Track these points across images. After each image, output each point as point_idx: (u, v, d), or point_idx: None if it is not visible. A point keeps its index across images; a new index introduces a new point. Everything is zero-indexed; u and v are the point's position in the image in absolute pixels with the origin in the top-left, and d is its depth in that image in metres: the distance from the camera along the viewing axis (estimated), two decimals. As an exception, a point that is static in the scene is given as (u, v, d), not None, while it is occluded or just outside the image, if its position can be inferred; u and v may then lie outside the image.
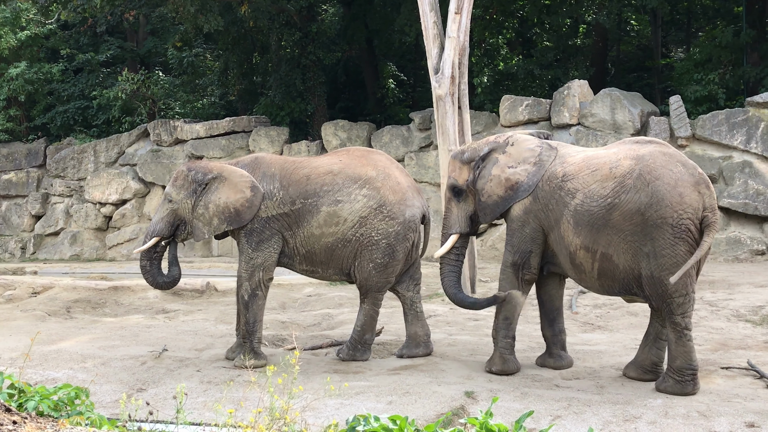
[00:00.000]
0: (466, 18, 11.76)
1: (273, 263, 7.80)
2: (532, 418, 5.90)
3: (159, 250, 8.07)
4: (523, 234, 7.07)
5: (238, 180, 7.76)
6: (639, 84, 21.37)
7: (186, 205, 7.88)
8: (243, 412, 5.01)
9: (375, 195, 7.68)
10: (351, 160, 7.90)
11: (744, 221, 14.70)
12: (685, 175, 6.39)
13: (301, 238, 7.72)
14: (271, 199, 7.72)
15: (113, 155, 20.29)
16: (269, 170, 7.87)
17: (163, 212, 7.98)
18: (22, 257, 20.38)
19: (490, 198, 7.24)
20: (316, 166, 7.87)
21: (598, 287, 6.85)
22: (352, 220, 7.64)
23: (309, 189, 7.70)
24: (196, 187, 7.86)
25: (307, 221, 7.67)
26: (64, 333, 9.41)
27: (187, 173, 7.94)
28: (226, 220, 7.73)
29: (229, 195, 7.72)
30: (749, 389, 6.58)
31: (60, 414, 4.79)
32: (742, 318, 9.52)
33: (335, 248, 7.71)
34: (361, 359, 7.86)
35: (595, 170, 6.70)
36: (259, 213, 7.70)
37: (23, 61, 21.18)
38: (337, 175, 7.75)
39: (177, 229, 8.00)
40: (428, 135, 17.25)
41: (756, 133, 14.62)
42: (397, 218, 7.70)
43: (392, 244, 7.69)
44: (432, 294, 11.68)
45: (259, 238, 7.71)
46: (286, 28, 20.04)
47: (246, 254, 7.77)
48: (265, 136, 18.90)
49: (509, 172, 7.12)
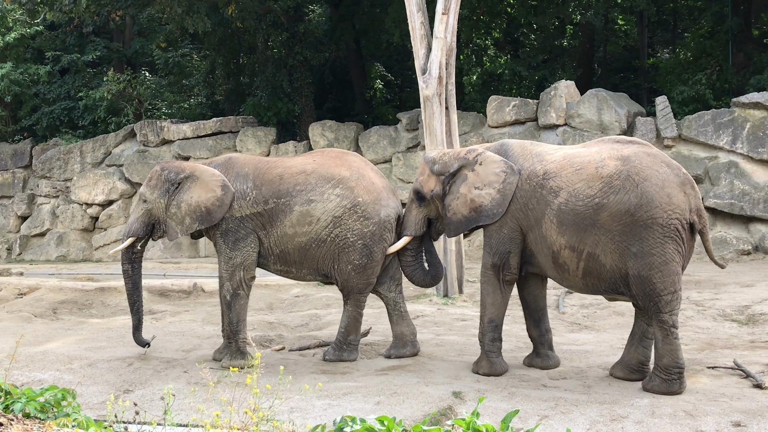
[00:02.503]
0: (453, 18, 11.77)
1: (253, 262, 7.81)
2: (519, 417, 5.92)
3: (137, 251, 8.13)
4: (501, 235, 7.06)
5: (209, 179, 7.78)
6: (625, 84, 21.45)
7: (160, 204, 7.93)
8: (230, 414, 4.99)
9: (348, 195, 7.68)
10: (325, 161, 7.92)
11: (730, 221, 14.78)
12: (671, 176, 6.46)
13: (274, 238, 7.73)
14: (245, 199, 7.74)
15: (100, 156, 20.22)
16: (242, 170, 7.89)
17: (138, 212, 8.04)
18: (8, 258, 20.29)
19: (455, 216, 7.28)
20: (289, 165, 7.89)
21: (581, 286, 6.85)
22: (326, 220, 7.65)
23: (282, 188, 7.72)
24: (169, 186, 7.91)
25: (280, 221, 7.69)
26: (51, 334, 9.37)
27: (161, 173, 7.99)
28: (198, 219, 7.75)
29: (201, 194, 7.74)
30: (735, 388, 6.60)
31: (47, 416, 4.77)
32: (728, 318, 9.56)
33: (309, 248, 7.72)
34: (348, 360, 7.85)
35: (579, 169, 6.69)
36: (233, 213, 7.73)
37: (9, 61, 21.08)
38: (310, 174, 7.77)
39: (153, 229, 8.06)
40: (416, 135, 17.26)
41: (742, 133, 14.69)
42: (371, 218, 7.70)
43: (368, 244, 7.69)
44: (419, 294, 11.69)
45: (235, 237, 7.74)
46: (273, 28, 20.00)
47: (224, 254, 7.80)
48: (252, 136, 18.87)
49: (474, 194, 7.13)
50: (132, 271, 8.13)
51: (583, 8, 19.68)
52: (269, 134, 18.89)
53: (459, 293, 11.69)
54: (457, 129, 12.26)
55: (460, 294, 11.68)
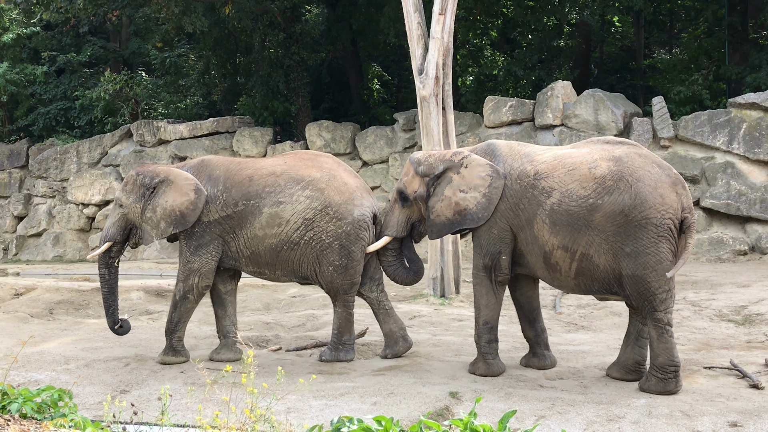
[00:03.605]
0: (450, 19, 11.77)
1: (210, 270, 7.83)
2: (516, 418, 5.92)
3: (114, 255, 8.15)
4: (491, 235, 7.02)
5: (183, 183, 7.79)
6: (622, 85, 21.47)
7: (135, 209, 7.94)
8: (228, 413, 4.99)
9: (318, 196, 7.65)
10: (296, 162, 7.91)
11: (726, 221, 14.80)
12: (662, 176, 6.51)
13: (244, 240, 7.73)
14: (215, 203, 7.75)
15: (96, 156, 20.21)
16: (214, 172, 7.90)
17: (115, 217, 8.06)
18: (5, 258, 20.27)
19: (438, 218, 7.23)
20: (259, 167, 7.90)
21: (573, 287, 6.85)
22: (295, 222, 7.63)
23: (251, 190, 7.71)
24: (145, 191, 7.92)
25: (250, 223, 7.68)
26: (47, 334, 9.36)
27: (136, 178, 8.01)
28: (173, 223, 7.75)
29: (176, 198, 7.75)
30: (732, 389, 6.61)
31: (43, 416, 4.77)
32: (725, 318, 9.57)
33: (280, 250, 7.69)
34: (345, 360, 7.85)
35: (571, 169, 6.69)
36: (201, 217, 7.73)
37: (5, 61, 21.06)
38: (279, 176, 7.75)
39: (129, 233, 8.08)
40: (412, 136, 17.27)
41: (738, 133, 14.72)
42: (345, 218, 7.66)
43: (346, 245, 7.66)
44: (416, 295, 11.69)
45: (197, 243, 7.76)
46: (270, 28, 20.00)
47: (184, 257, 7.84)
48: (248, 136, 18.86)
49: (459, 197, 7.08)
50: (108, 276, 8.15)
51: (579, 8, 19.70)
52: (266, 134, 18.89)
53: (456, 293, 11.69)
54: (454, 129, 12.26)
55: (457, 294, 11.68)
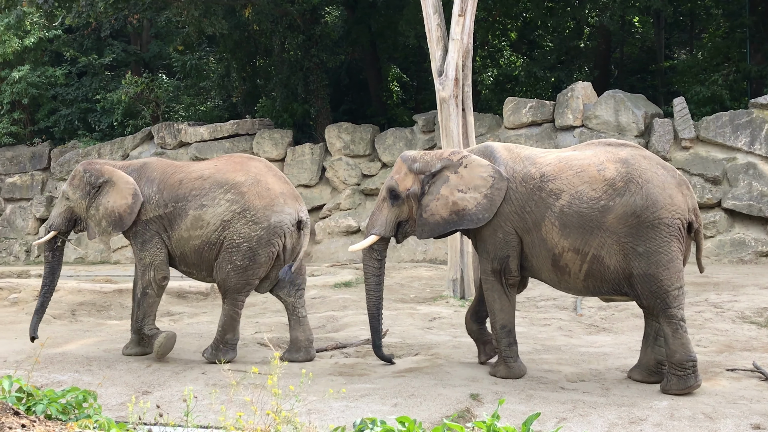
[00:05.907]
0: (469, 20, 11.77)
1: (162, 262, 8.10)
2: (538, 420, 5.90)
3: (59, 243, 8.63)
4: (497, 239, 6.93)
5: (123, 186, 8.11)
6: (642, 86, 21.36)
7: (81, 205, 8.37)
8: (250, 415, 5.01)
9: (239, 200, 7.82)
10: (224, 166, 8.11)
11: (748, 223, 14.71)
12: (668, 178, 6.62)
13: (174, 241, 8.03)
14: (149, 203, 8.07)
15: (117, 158, 20.30)
16: (151, 175, 8.23)
17: (61, 208, 8.53)
18: (27, 260, 20.41)
19: (432, 217, 7.10)
20: (190, 171, 8.17)
21: (581, 289, 6.85)
22: (215, 224, 7.83)
23: (180, 193, 8.00)
24: (90, 189, 8.30)
25: (177, 224, 7.97)
26: (70, 336, 9.44)
27: (83, 175, 8.37)
28: (112, 223, 8.11)
29: (116, 200, 8.08)
30: (755, 391, 6.58)
31: (68, 417, 4.80)
32: (747, 320, 9.52)
33: (203, 251, 7.93)
34: (225, 359, 7.74)
35: (580, 171, 6.68)
36: (140, 216, 8.05)
37: (27, 64, 21.22)
38: (206, 180, 7.99)
39: (74, 224, 8.55)
40: (432, 137, 17.26)
41: (760, 134, 14.62)
42: (260, 223, 7.77)
43: (254, 247, 7.77)
44: (436, 296, 11.69)
45: (142, 239, 8.09)
46: (289, 30, 20.04)
47: (137, 255, 8.20)
48: (268, 138, 18.92)
49: (458, 196, 6.99)
50: (52, 258, 8.67)
51: (599, 10, 19.63)
52: (285, 136, 18.94)
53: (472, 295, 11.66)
54: (474, 131, 12.25)
55: (475, 296, 11.65)
